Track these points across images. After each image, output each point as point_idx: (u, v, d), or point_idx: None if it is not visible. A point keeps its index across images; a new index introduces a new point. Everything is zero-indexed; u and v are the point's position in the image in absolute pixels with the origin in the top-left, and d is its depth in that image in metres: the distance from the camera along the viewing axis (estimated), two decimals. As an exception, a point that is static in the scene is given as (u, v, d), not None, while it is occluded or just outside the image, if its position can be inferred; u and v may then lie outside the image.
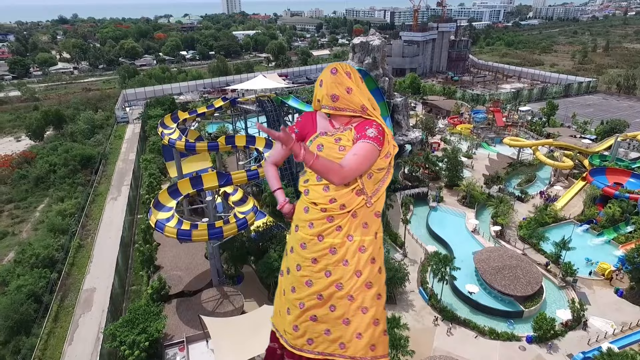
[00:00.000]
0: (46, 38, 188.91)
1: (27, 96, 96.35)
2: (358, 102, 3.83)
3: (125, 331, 24.06)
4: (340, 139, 3.87)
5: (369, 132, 3.72)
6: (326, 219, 3.79)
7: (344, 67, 3.89)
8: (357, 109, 3.83)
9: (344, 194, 3.77)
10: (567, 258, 35.83)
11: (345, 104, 3.81)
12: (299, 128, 4.17)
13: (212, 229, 26.96)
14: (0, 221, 47.19)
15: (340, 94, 3.79)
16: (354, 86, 3.83)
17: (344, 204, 3.77)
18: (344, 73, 3.84)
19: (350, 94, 3.80)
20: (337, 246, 3.79)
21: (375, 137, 3.71)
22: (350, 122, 3.94)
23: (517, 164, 55.27)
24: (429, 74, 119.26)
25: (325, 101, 3.86)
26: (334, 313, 3.85)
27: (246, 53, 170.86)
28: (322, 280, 3.84)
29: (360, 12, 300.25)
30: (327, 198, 3.78)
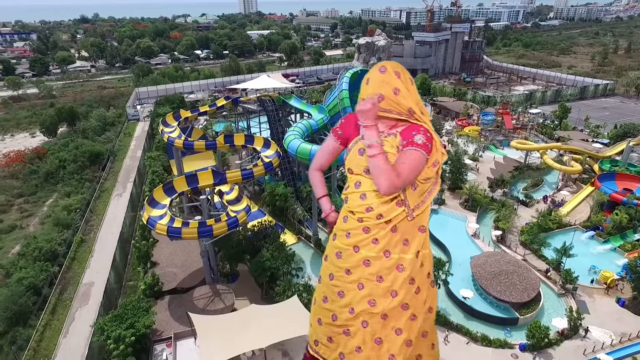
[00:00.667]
0: (66, 37, 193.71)
1: (45, 93, 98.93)
2: (405, 105, 3.57)
3: (113, 326, 24.47)
4: (383, 144, 3.57)
5: (417, 138, 3.46)
6: (362, 230, 3.64)
7: (394, 66, 3.62)
8: (403, 111, 3.57)
9: (381, 202, 3.57)
10: (570, 265, 34.97)
11: (392, 105, 3.55)
12: (342, 130, 3.99)
13: (202, 227, 27.21)
14: (10, 215, 48.59)
15: (387, 94, 3.53)
16: (402, 87, 3.56)
17: (381, 213, 3.57)
18: (393, 72, 3.57)
19: (398, 95, 3.54)
20: (371, 259, 3.64)
21: (424, 145, 3.44)
22: (395, 127, 3.68)
23: (524, 167, 54.16)
24: (442, 75, 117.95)
25: None
26: (366, 329, 3.73)
27: (260, 53, 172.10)
28: (354, 292, 3.72)
29: (376, 12, 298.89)
30: (363, 207, 3.61)
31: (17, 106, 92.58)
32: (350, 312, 3.71)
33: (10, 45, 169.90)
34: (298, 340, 26.71)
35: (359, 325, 3.73)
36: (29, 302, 31.34)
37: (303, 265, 38.03)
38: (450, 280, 34.10)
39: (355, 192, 3.68)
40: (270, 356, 25.92)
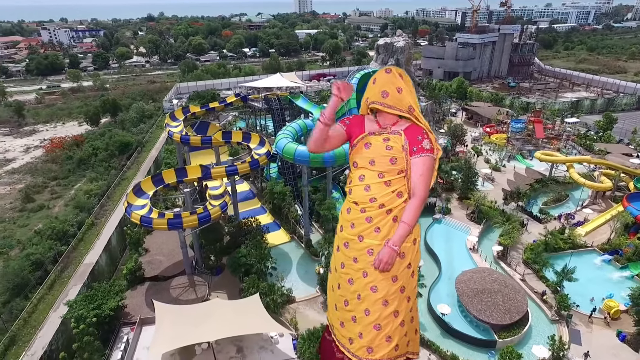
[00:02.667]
0: (129, 34, 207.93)
1: (98, 86, 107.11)
2: (406, 102, 4.06)
3: (82, 305, 26.11)
4: (388, 139, 4.11)
5: (425, 143, 4.02)
6: (365, 220, 4.06)
7: (397, 70, 4.18)
8: (404, 109, 4.07)
9: (384, 193, 4.03)
10: (577, 290, 32.19)
11: (394, 102, 4.04)
12: (350, 123, 4.45)
13: (175, 218, 28.19)
14: (42, 195, 53.29)
15: (391, 92, 4.04)
16: (404, 87, 4.08)
17: (383, 203, 4.02)
18: (397, 74, 4.12)
19: (401, 94, 4.04)
20: (374, 247, 4.02)
21: (431, 149, 4.02)
22: (397, 124, 4.19)
23: (549, 180, 50.20)
24: (486, 79, 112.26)
25: (375, 97, 4.13)
26: (367, 318, 4.11)
27: (305, 52, 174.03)
28: (360, 280, 4.11)
29: (430, 13, 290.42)
30: (367, 197, 4.06)
31: (73, 97, 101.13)
32: (358, 298, 4.11)
33: (81, 41, 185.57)
34: (254, 337, 26.95)
35: (362, 313, 4.11)
36: (30, 276, 34.25)
37: (290, 264, 38.20)
38: (434, 295, 32.70)
39: (359, 184, 4.14)
40: (225, 351, 26.33)
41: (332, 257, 4.49)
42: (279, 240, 41.21)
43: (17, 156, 66.58)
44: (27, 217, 47.63)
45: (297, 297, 33.01)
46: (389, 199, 4.00)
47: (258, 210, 46.73)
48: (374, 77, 4.20)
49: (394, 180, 4.05)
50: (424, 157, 3.95)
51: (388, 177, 4.05)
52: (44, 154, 65.09)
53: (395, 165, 4.04)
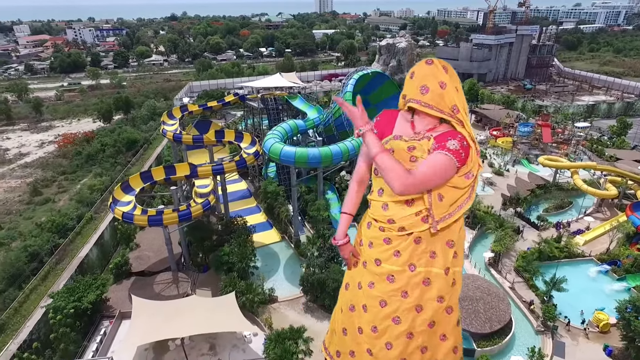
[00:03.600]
0: (151, 33, 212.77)
1: (116, 84, 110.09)
2: (449, 101, 3.32)
3: (63, 297, 26.93)
4: (414, 147, 3.37)
5: (450, 143, 3.23)
6: (383, 240, 3.48)
7: (442, 62, 3.43)
8: (445, 109, 3.32)
9: (405, 215, 3.37)
10: (568, 301, 31.28)
11: (435, 100, 3.30)
12: (378, 129, 3.68)
13: (156, 215, 28.72)
14: (50, 189, 55.19)
15: (432, 87, 3.29)
16: (449, 82, 3.32)
17: (403, 226, 3.39)
18: (441, 66, 3.35)
19: (444, 90, 3.30)
20: (395, 274, 3.46)
21: (456, 151, 3.20)
22: (434, 129, 3.41)
23: (552, 186, 48.69)
24: (501, 81, 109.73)
25: (412, 94, 3.38)
26: (390, 352, 3.55)
27: (321, 51, 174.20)
28: (376, 309, 3.56)
29: (451, 13, 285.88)
30: (385, 217, 3.46)
31: (91, 94, 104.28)
32: (373, 330, 3.56)
33: (104, 40, 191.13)
34: (228, 335, 27.20)
35: (382, 346, 3.55)
36: (26, 267, 35.51)
37: (277, 264, 38.36)
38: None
39: (377, 200, 3.54)
40: (198, 347, 26.68)
41: (347, 272, 3.87)
42: (269, 240, 41.43)
43: (32, 151, 69.17)
44: (32, 210, 49.41)
45: (280, 296, 33.14)
46: (410, 222, 3.35)
47: (253, 209, 47.11)
48: (412, 70, 3.44)
49: (417, 199, 3.33)
50: (438, 154, 3.17)
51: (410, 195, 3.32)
52: (56, 149, 67.42)
53: None
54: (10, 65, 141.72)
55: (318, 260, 31.73)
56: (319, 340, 28.60)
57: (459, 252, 3.61)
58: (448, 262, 3.49)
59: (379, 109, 19.25)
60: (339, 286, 18.18)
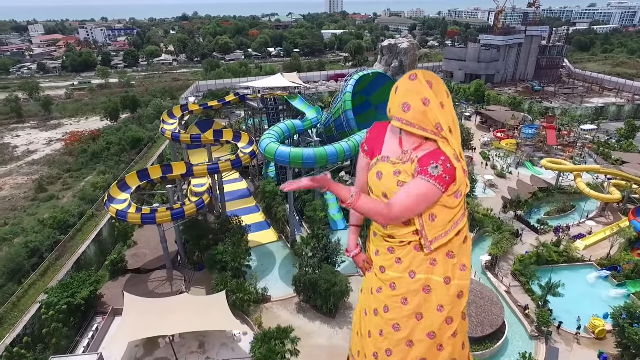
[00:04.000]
0: (161, 33, 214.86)
1: (124, 83, 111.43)
2: (433, 119, 3.19)
3: (57, 293, 27.34)
4: (399, 171, 3.38)
5: (431, 168, 3.16)
6: (387, 250, 3.62)
7: (427, 75, 3.27)
8: (428, 127, 3.21)
9: (403, 233, 3.49)
10: (566, 306, 30.94)
11: (417, 118, 3.19)
12: (369, 145, 3.77)
13: (150, 213, 29.01)
14: (55, 186, 56.07)
15: (414, 104, 3.17)
16: (433, 98, 3.17)
17: (402, 240, 3.53)
18: (425, 81, 3.21)
19: (426, 107, 3.16)
20: (396, 280, 3.55)
21: (439, 176, 3.15)
22: (419, 147, 3.35)
23: (554, 189, 47.98)
24: (510, 82, 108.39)
25: (395, 110, 3.31)
26: (389, 359, 3.61)
27: (329, 51, 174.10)
28: (381, 314, 3.67)
29: (462, 13, 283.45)
30: (385, 234, 3.63)
31: (100, 93, 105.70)
32: (380, 334, 3.68)
33: (115, 39, 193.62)
34: (217, 334, 27.34)
35: (383, 351, 3.65)
36: (25, 263, 36.13)
37: (273, 264, 38.43)
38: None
39: None
40: (188, 345, 26.87)
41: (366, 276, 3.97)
42: (266, 239, 41.55)
43: (39, 148, 70.37)
44: (37, 206, 50.23)
45: (274, 296, 33.22)
46: (409, 239, 3.49)
47: (252, 209, 47.28)
48: (396, 84, 3.35)
49: (412, 219, 3.38)
50: (419, 180, 3.15)
51: None
52: (63, 147, 68.47)
53: None
54: (23, 64, 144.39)
55: (311, 260, 31.71)
56: (309, 340, 28.64)
57: (467, 264, 3.62)
58: (448, 271, 3.50)
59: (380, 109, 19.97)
60: (330, 287, 18.55)
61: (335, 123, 46.72)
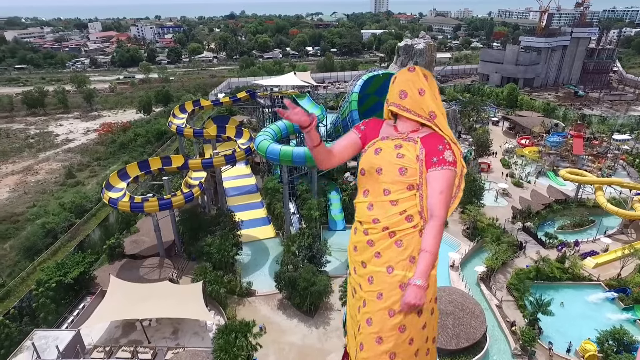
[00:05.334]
0: (206, 31, 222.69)
1: (163, 78, 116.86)
2: (427, 107, 3.50)
3: (52, 271, 29.42)
4: (401, 145, 3.53)
5: (447, 155, 3.41)
6: (367, 242, 3.54)
7: (423, 70, 3.62)
8: (424, 114, 3.51)
9: (390, 214, 3.44)
10: (565, 326, 29.40)
11: (413, 105, 3.50)
12: (365, 127, 3.90)
13: (134, 202, 30.44)
14: (83, 173, 60.08)
15: (411, 93, 3.50)
16: (428, 90, 3.51)
17: (387, 225, 3.45)
18: (422, 74, 3.54)
19: (422, 96, 3.49)
20: (374, 274, 3.50)
21: (454, 162, 3.43)
22: (417, 131, 3.61)
23: (573, 202, 44.98)
24: (552, 87, 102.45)
25: (393, 98, 3.59)
26: (360, 354, 3.57)
27: (367, 51, 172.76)
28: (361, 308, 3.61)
29: (513, 14, 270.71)
30: (370, 217, 3.53)
31: (140, 87, 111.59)
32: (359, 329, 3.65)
33: (163, 36, 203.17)
34: (192, 322, 28.27)
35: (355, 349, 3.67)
36: (40, 242, 39.13)
37: (266, 259, 39.01)
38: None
39: (363, 201, 3.63)
40: (163, 330, 28.00)
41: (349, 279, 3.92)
42: (264, 235, 42.23)
43: (77, 137, 75.58)
44: (64, 191, 54.10)
45: (260, 291, 33.78)
46: (395, 221, 3.40)
47: (257, 204, 48.18)
48: (395, 76, 3.65)
49: (401, 199, 3.40)
50: (445, 171, 3.34)
51: (395, 195, 3.42)
52: (97, 137, 73.09)
53: (405, 176, 3.40)
54: (78, 59, 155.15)
55: (293, 258, 31.92)
56: (282, 337, 28.95)
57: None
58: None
59: None
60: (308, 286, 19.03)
61: (343, 123, 46.52)
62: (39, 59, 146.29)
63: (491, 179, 51.41)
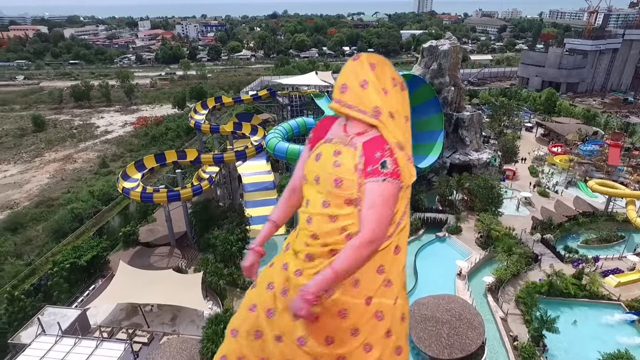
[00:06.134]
0: (247, 29, 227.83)
1: (201, 75, 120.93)
2: (371, 102, 2.91)
3: (69, 253, 31.46)
4: (340, 152, 3.01)
5: (387, 163, 2.85)
6: (306, 256, 3.04)
7: (371, 58, 3.01)
8: (367, 110, 2.91)
9: (328, 230, 2.96)
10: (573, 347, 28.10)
11: (354, 99, 2.94)
12: (314, 135, 3.37)
13: (144, 193, 31.90)
14: (116, 163, 63.45)
15: (351, 86, 2.95)
16: (374, 81, 2.92)
17: (326, 242, 2.97)
18: (367, 63, 2.96)
19: (365, 89, 2.92)
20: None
21: (394, 172, 2.86)
22: (364, 133, 3.00)
23: (601, 216, 42.27)
24: (598, 93, 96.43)
25: (334, 93, 3.08)
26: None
27: (406, 52, 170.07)
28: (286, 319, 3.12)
29: (565, 14, 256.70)
30: (309, 232, 3.04)
31: (178, 83, 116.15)
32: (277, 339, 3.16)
33: (205, 35, 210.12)
34: (191, 311, 29.28)
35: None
36: (67, 226, 41.84)
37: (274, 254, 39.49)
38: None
39: (304, 211, 3.17)
40: (163, 316, 29.20)
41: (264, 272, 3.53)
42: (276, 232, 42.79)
43: (115, 129, 79.92)
44: (96, 180, 57.44)
45: (263, 286, 34.37)
46: (334, 240, 2.92)
47: (272, 201, 48.88)
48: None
49: (341, 215, 2.92)
50: (379, 183, 2.81)
51: (333, 209, 2.94)
52: (133, 129, 76.94)
53: (341, 189, 2.91)
54: (126, 55, 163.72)
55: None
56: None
57: (395, 281, 3.08)
58: (372, 290, 2.98)
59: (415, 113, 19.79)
60: None
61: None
62: (91, 55, 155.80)
63: (516, 187, 49.37)
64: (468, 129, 51.22)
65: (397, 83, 3.01)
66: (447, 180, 44.55)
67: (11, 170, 62.81)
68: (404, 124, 3.05)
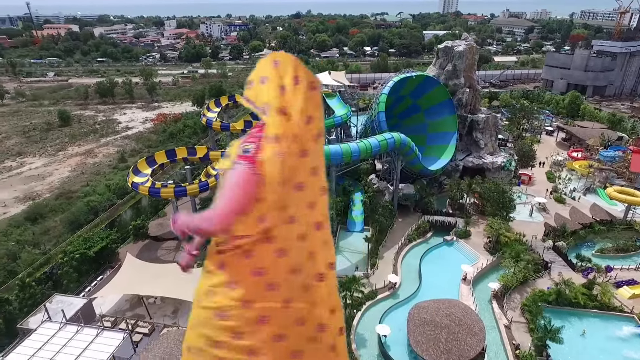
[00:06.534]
0: (270, 29, 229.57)
1: (221, 73, 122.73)
2: (263, 98, 2.82)
3: (79, 243, 32.57)
4: (229, 155, 2.89)
5: (244, 147, 2.77)
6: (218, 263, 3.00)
7: (277, 55, 2.92)
8: (259, 105, 2.85)
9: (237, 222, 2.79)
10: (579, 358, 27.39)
11: (253, 95, 2.91)
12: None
13: (153, 188, 32.66)
14: (134, 158, 64.95)
15: (255, 82, 2.93)
16: (273, 78, 2.83)
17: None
18: (272, 60, 2.90)
19: (263, 85, 2.85)
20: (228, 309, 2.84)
21: (250, 157, 2.71)
22: (262, 126, 2.88)
23: (619, 224, 40.69)
24: (628, 97, 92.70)
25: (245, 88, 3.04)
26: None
27: (428, 53, 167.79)
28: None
29: (598, 15, 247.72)
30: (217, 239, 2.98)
31: (199, 81, 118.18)
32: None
33: (228, 34, 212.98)
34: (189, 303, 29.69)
35: None
36: (83, 218, 43.28)
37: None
38: (391, 317, 30.80)
39: None
40: (166, 308, 29.86)
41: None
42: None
43: (136, 125, 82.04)
44: (114, 174, 59.12)
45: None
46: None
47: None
48: None
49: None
50: (235, 168, 2.72)
51: None
52: (152, 126, 78.82)
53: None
54: (151, 53, 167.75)
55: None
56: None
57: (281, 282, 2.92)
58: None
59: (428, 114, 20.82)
60: None
61: (372, 124, 46.11)
62: (118, 53, 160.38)
63: (531, 192, 48.06)
64: (483, 132, 50.20)
65: (300, 81, 2.82)
66: (458, 183, 43.76)
67: (36, 162, 65.39)
68: (301, 121, 2.79)
